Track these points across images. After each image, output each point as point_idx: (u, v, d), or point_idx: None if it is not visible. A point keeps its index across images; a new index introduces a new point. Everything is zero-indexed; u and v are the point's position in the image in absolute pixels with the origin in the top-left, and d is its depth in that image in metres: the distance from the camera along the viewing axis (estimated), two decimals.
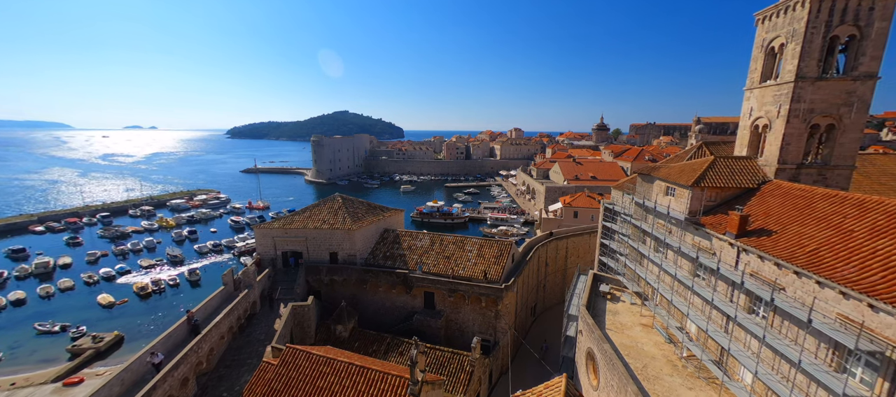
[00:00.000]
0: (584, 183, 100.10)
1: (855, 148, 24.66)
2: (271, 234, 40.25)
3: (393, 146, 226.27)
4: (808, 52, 23.13)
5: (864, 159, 33.06)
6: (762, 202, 22.52)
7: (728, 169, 25.33)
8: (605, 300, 31.73)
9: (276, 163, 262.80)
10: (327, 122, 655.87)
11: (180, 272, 66.52)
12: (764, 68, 26.47)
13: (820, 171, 25.09)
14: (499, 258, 36.96)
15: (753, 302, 19.69)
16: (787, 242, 18.43)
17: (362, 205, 44.25)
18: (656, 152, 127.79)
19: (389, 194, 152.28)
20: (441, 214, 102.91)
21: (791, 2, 23.72)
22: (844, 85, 23.43)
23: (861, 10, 22.24)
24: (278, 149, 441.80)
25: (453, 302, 36.26)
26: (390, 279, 37.48)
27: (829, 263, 15.91)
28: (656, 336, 26.48)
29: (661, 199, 28.08)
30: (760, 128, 26.90)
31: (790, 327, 17.02)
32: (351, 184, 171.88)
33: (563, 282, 51.58)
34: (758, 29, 26.75)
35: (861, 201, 18.11)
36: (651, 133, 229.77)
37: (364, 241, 40.34)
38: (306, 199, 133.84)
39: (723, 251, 21.81)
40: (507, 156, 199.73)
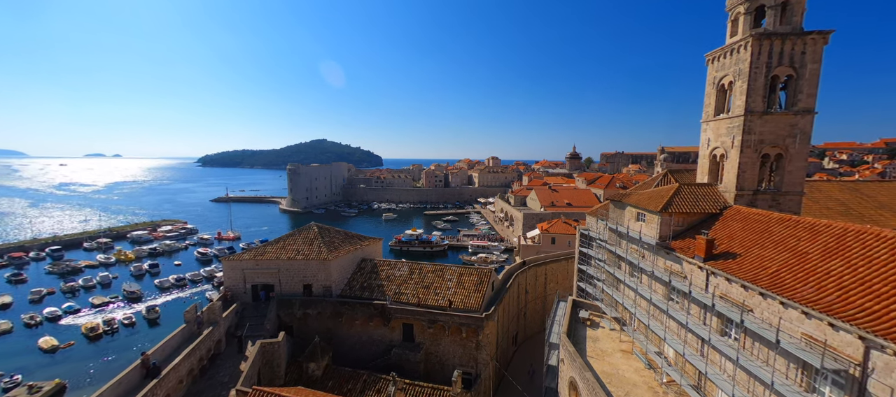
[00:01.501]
0: (559, 209, 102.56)
1: (801, 175, 26.76)
2: (241, 267, 38.30)
3: (371, 174, 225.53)
4: (753, 89, 25.41)
5: (811, 186, 35.81)
6: (725, 226, 23.74)
7: (692, 195, 26.72)
8: (585, 326, 31.76)
9: (246, 191, 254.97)
10: (304, 150, 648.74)
11: (137, 310, 61.60)
12: (717, 103, 28.74)
13: (773, 197, 26.91)
14: (479, 286, 36.60)
15: (725, 325, 20.27)
16: (750, 264, 19.35)
17: (339, 234, 43.18)
18: (626, 179, 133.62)
19: (368, 222, 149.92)
20: (420, 242, 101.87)
21: (736, 45, 26.24)
22: (787, 119, 25.72)
23: (795, 53, 24.87)
24: (252, 177, 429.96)
25: (433, 333, 35.22)
26: (367, 311, 36.15)
27: (790, 284, 16.75)
28: (636, 362, 26.56)
29: (633, 225, 29.07)
30: (718, 157, 28.82)
31: (761, 348, 17.54)
32: (328, 213, 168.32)
33: (544, 310, 51.45)
34: (709, 68, 29.25)
35: (812, 225, 19.44)
36: (620, 161, 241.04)
37: (340, 272, 39.06)
38: (280, 229, 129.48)
39: (693, 274, 22.58)
40: (485, 183, 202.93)
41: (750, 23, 26.35)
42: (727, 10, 27.79)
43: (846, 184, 39.70)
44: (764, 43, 24.89)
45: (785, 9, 25.09)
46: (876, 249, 15.93)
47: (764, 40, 24.87)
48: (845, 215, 32.88)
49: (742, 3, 26.32)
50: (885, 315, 13.26)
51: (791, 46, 24.75)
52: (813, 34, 24.50)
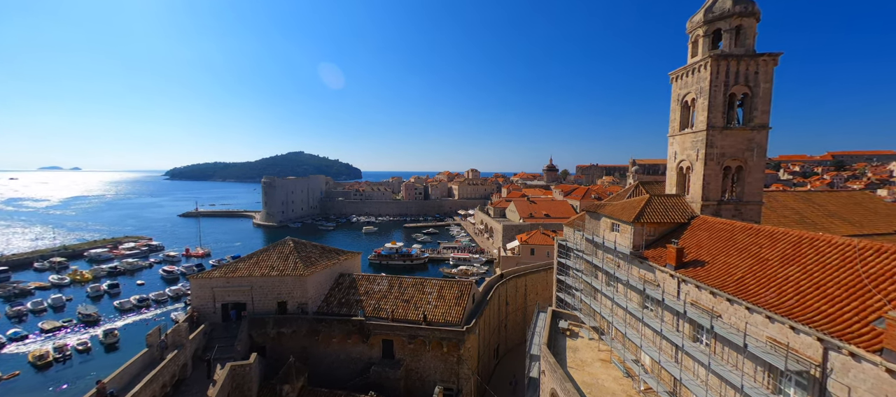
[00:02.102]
0: (538, 221, 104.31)
1: (760, 186, 28.49)
2: (210, 285, 36.45)
3: (350, 187, 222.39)
4: (714, 106, 27.06)
5: (769, 196, 38.15)
6: (693, 235, 24.82)
7: (662, 206, 27.86)
8: (565, 336, 32.06)
9: (217, 205, 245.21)
10: (280, 163, 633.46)
11: (93, 334, 57.22)
12: (682, 118, 30.36)
13: (736, 206, 28.46)
14: (459, 299, 36.39)
15: (697, 331, 20.98)
16: (717, 272, 20.25)
17: (316, 249, 42.03)
18: (600, 191, 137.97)
19: (346, 236, 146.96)
20: (400, 256, 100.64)
21: (696, 65, 27.98)
22: (745, 133, 27.47)
23: (749, 73, 26.77)
24: (224, 190, 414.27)
25: (413, 349, 34.55)
26: (345, 328, 35.09)
27: (754, 290, 17.62)
28: (615, 370, 26.96)
29: (608, 235, 29.91)
30: (685, 169, 30.30)
31: (730, 352, 18.24)
32: (304, 227, 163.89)
33: (524, 321, 51.64)
34: (673, 86, 30.97)
35: (771, 232, 20.63)
36: (595, 173, 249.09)
37: (317, 288, 37.89)
38: (254, 245, 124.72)
39: (665, 282, 23.36)
40: (465, 195, 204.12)
41: (708, 45, 28.21)
42: (688, 32, 29.67)
43: (800, 194, 42.58)
44: (721, 63, 26.66)
45: (739, 32, 27.06)
46: (828, 255, 17.05)
47: (721, 61, 26.65)
48: (800, 223, 35.14)
49: (700, 27, 28.20)
50: (839, 317, 14.14)
51: (745, 67, 26.63)
52: (764, 56, 26.48)
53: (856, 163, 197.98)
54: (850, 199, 41.92)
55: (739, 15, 26.62)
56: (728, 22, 26.93)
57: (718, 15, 27.23)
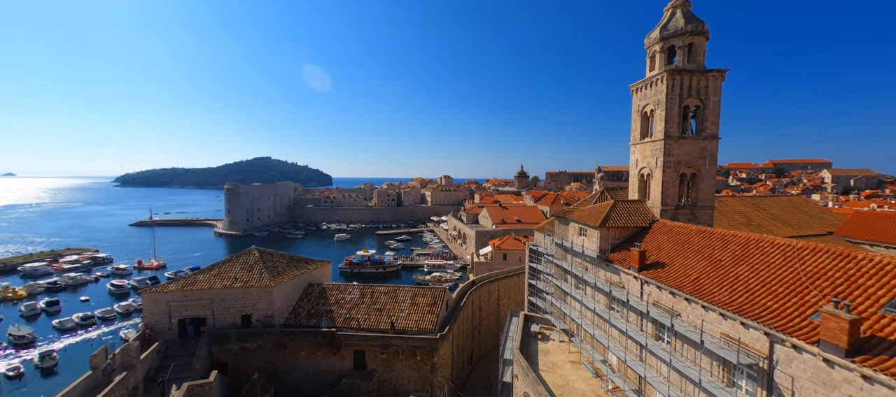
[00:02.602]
0: (510, 226, 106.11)
1: (712, 191, 30.60)
2: (166, 299, 34.01)
3: (320, 194, 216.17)
4: (670, 116, 28.87)
5: (720, 200, 41.03)
6: (654, 239, 26.18)
7: (626, 211, 29.23)
8: (537, 340, 32.65)
9: (172, 214, 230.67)
10: (245, 169, 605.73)
11: (28, 358, 51.58)
12: (642, 128, 32.13)
13: (691, 211, 30.36)
14: (433, 306, 36.17)
15: (659, 330, 22.05)
16: (676, 273, 21.44)
17: (283, 259, 40.39)
18: (569, 197, 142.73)
19: (316, 244, 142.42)
20: (372, 263, 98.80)
21: (654, 78, 29.81)
22: (698, 143, 29.49)
23: (700, 87, 28.85)
24: (183, 198, 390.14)
25: (386, 358, 33.86)
26: (314, 340, 33.84)
27: (709, 289, 18.80)
28: (584, 371, 27.74)
29: (577, 240, 30.94)
30: (645, 176, 32.00)
31: (689, 349, 19.29)
32: (271, 236, 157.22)
33: (498, 326, 52.10)
34: (633, 97, 32.77)
35: (723, 235, 22.16)
36: (564, 179, 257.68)
37: (284, 299, 36.35)
38: (215, 255, 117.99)
39: (630, 284, 24.43)
40: (438, 202, 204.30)
41: (664, 60, 30.16)
42: (646, 47, 31.58)
43: (746, 199, 46.10)
44: (676, 77, 28.56)
45: (690, 49, 29.15)
46: (772, 255, 18.54)
47: (676, 75, 28.55)
48: (747, 225, 38.00)
49: (657, 43, 30.13)
50: (783, 312, 15.36)
51: (697, 81, 28.69)
52: (713, 72, 28.65)
53: (794, 171, 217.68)
54: (790, 204, 45.93)
55: (691, 33, 28.69)
56: (681, 39, 28.95)
57: (672, 33, 29.21)
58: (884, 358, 11.80)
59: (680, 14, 29.42)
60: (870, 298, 13.91)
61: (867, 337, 12.59)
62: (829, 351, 12.72)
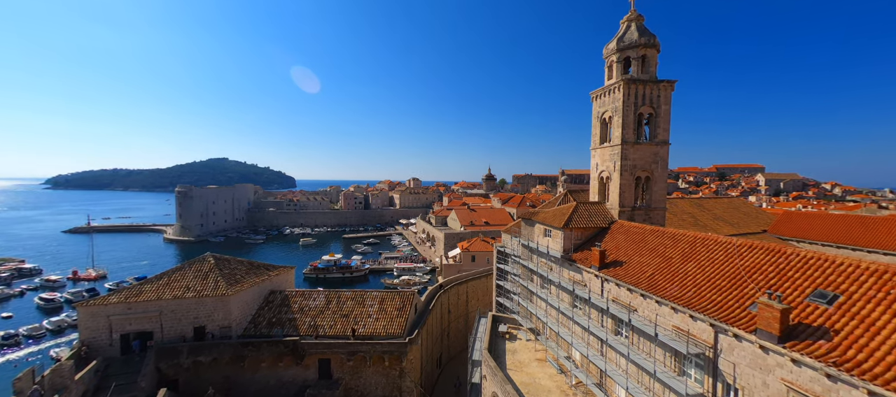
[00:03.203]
0: (478, 228, 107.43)
1: (664, 194, 32.78)
2: (106, 312, 30.98)
3: (283, 196, 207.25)
4: (626, 123, 30.64)
5: (671, 202, 44.06)
6: (613, 239, 27.59)
7: (587, 212, 30.58)
8: (505, 340, 33.23)
9: (112, 219, 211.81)
10: (199, 170, 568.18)
11: None
12: (601, 133, 33.83)
13: (646, 212, 32.34)
14: (401, 310, 35.73)
15: (618, 325, 23.21)
16: (633, 270, 22.71)
17: (242, 265, 38.21)
18: (535, 199, 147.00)
19: (279, 249, 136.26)
20: (339, 268, 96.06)
21: (612, 87, 31.53)
22: (651, 148, 31.50)
23: (653, 96, 30.88)
24: (127, 201, 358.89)
25: (353, 366, 32.96)
26: (276, 350, 32.26)
27: (662, 285, 20.07)
28: (550, 368, 28.58)
29: (542, 240, 31.90)
30: (604, 179, 33.69)
31: (645, 342, 20.46)
32: (229, 241, 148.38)
33: (467, 327, 52.43)
34: (593, 104, 34.44)
35: (673, 234, 23.77)
36: (529, 182, 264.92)
37: (243, 308, 34.37)
38: (165, 263, 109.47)
39: (591, 282, 25.55)
40: (407, 204, 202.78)
41: (621, 69, 31.99)
42: (604, 57, 33.35)
43: (693, 201, 49.85)
44: (631, 86, 30.39)
45: (644, 61, 31.15)
46: (716, 252, 20.14)
47: (631, 84, 30.38)
48: (695, 225, 41.09)
49: (614, 53, 31.92)
50: (725, 304, 16.72)
51: (650, 91, 30.69)
52: (664, 82, 30.79)
53: (734, 175, 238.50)
54: (730, 205, 50.24)
55: (644, 46, 30.67)
56: (636, 51, 30.86)
57: (628, 44, 31.07)
58: (809, 342, 13.17)
59: (634, 27, 31.35)
60: (797, 290, 15.48)
61: (795, 325, 14.00)
62: (765, 338, 14.01)
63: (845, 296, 14.01)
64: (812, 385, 12.69)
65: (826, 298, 14.33)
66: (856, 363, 11.82)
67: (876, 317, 12.78)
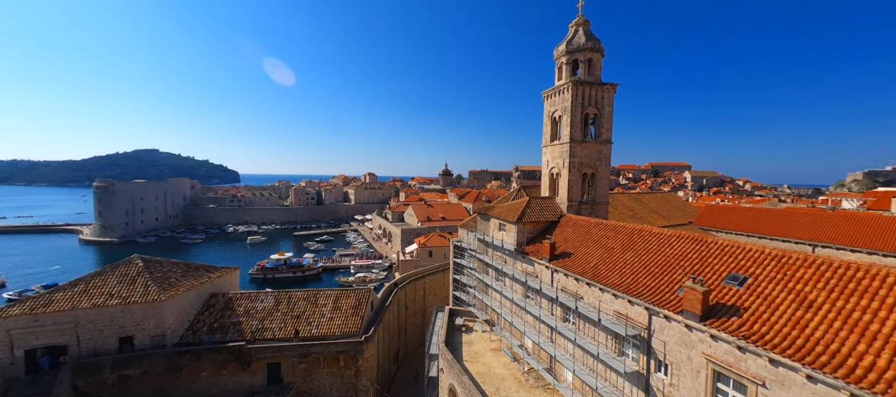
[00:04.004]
0: (435, 224, 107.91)
1: (606, 189, 35.28)
2: (5, 326, 26.67)
3: (225, 192, 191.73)
4: (574, 122, 32.45)
5: (613, 197, 47.58)
6: (562, 232, 29.19)
7: (539, 207, 32.01)
8: (461, 332, 33.86)
9: (10, 218, 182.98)
10: (124, 163, 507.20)
11: None
12: (552, 131, 35.50)
13: (591, 206, 34.60)
14: (357, 308, 34.93)
15: (566, 312, 24.68)
16: (579, 261, 24.24)
17: (177, 267, 34.88)
18: (490, 194, 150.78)
19: (221, 249, 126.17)
20: (289, 267, 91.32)
21: (561, 87, 33.17)
22: (596, 147, 33.70)
23: (597, 97, 32.99)
24: (32, 198, 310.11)
25: (305, 368, 31.67)
26: (219, 357, 30.00)
27: (604, 274, 21.66)
28: (504, 357, 29.67)
29: (496, 234, 32.87)
30: (554, 175, 35.46)
31: (589, 327, 21.99)
32: (161, 242, 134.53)
33: (424, 322, 52.62)
34: (545, 103, 36.01)
35: (614, 226, 25.71)
36: (485, 178, 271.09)
37: (179, 314, 31.45)
38: (82, 267, 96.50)
39: (542, 273, 26.86)
40: (362, 200, 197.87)
41: (569, 71, 33.74)
42: (555, 59, 34.95)
43: (632, 196, 54.28)
44: (579, 87, 32.20)
45: (590, 64, 33.13)
46: (650, 242, 22.12)
47: (579, 85, 32.18)
48: (633, 218, 44.80)
49: (564, 56, 33.58)
50: (658, 289, 18.46)
51: (595, 92, 32.75)
52: (607, 85, 33.00)
53: (665, 172, 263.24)
54: (662, 199, 55.44)
55: (590, 50, 32.60)
56: (583, 54, 32.71)
57: (576, 48, 32.84)
58: (724, 319, 15.01)
59: (582, 32, 33.18)
60: (716, 274, 17.54)
61: (714, 305, 15.87)
62: (690, 318, 15.72)
63: (753, 278, 16.14)
64: (726, 356, 14.50)
65: (738, 281, 16.40)
66: (760, 335, 13.70)
67: (776, 296, 14.89)
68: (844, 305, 13.21)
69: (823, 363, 11.86)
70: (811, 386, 12.05)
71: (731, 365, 14.31)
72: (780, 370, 12.83)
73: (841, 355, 11.92)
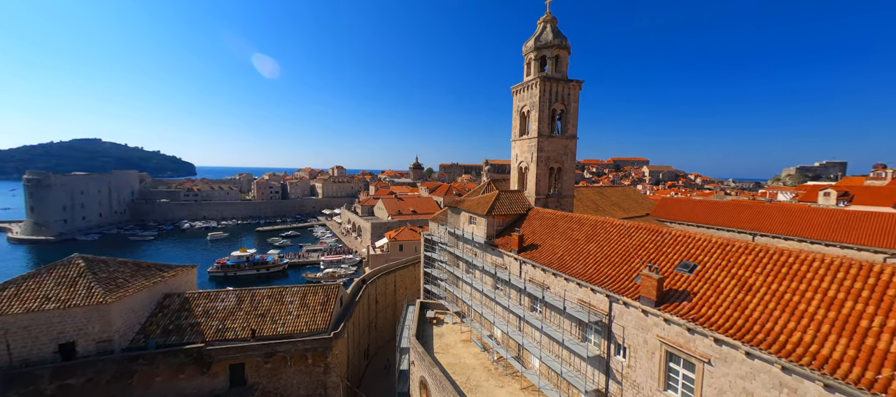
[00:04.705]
0: (406, 217, 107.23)
1: (572, 183, 36.64)
2: None
3: (179, 185, 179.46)
4: (542, 117, 33.29)
5: (578, 190, 49.50)
6: (530, 224, 30.03)
7: (508, 200, 32.68)
8: (432, 325, 34.09)
9: None
10: (60, 153, 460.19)
11: None
12: (520, 126, 36.23)
13: (558, 199, 35.82)
14: (325, 304, 34.13)
15: (533, 302, 25.51)
16: (546, 252, 25.08)
17: (126, 267, 32.31)
18: (461, 188, 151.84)
19: (177, 247, 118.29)
20: (252, 264, 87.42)
21: (530, 83, 33.86)
22: (562, 141, 34.81)
23: (563, 93, 34.01)
24: None
25: (271, 368, 30.61)
26: (175, 360, 28.28)
27: (569, 264, 22.57)
28: (474, 348, 30.25)
29: (467, 227, 33.23)
30: (523, 169, 36.30)
31: (555, 316, 22.88)
32: (106, 240, 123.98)
33: (395, 317, 52.42)
34: (514, 98, 36.63)
35: (579, 219, 26.80)
36: (456, 171, 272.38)
37: (129, 317, 29.24)
38: (11, 269, 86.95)
39: (511, 265, 27.54)
40: (330, 194, 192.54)
41: (538, 67, 34.49)
42: (524, 54, 35.56)
43: (595, 189, 56.73)
44: (547, 84, 33.02)
45: (557, 60, 34.04)
46: (611, 233, 23.29)
47: (546, 81, 33.00)
48: (596, 210, 46.89)
49: (532, 52, 34.25)
50: (618, 277, 19.50)
51: (562, 88, 33.74)
52: (573, 82, 34.09)
53: (626, 166, 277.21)
54: (623, 192, 58.40)
55: (557, 47, 33.46)
56: (550, 51, 33.52)
57: (544, 44, 33.58)
58: (676, 304, 16.15)
59: (549, 29, 33.95)
60: (669, 262, 18.80)
61: (668, 291, 17.02)
62: (646, 303, 16.77)
63: (701, 266, 17.47)
64: (677, 338, 15.66)
65: (688, 268, 17.69)
66: (707, 317, 14.90)
67: (721, 281, 16.23)
68: (778, 288, 14.64)
69: (759, 340, 13.12)
70: (749, 361, 13.31)
71: (681, 345, 15.47)
72: (724, 348, 14.04)
73: (774, 333, 13.24)
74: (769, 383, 12.80)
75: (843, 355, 11.63)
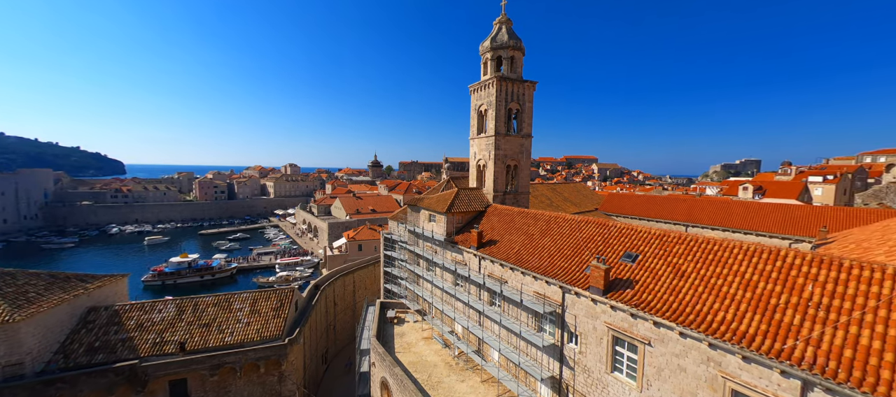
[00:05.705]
0: (365, 216, 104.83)
1: (527, 180, 38.02)
2: None
3: (105, 186, 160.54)
4: (499, 116, 34.15)
5: (533, 187, 51.47)
6: (489, 221, 30.73)
7: (467, 198, 33.17)
8: (393, 324, 33.74)
9: None
10: None
11: None
12: (478, 125, 36.89)
13: (515, 196, 37.00)
14: (279, 309, 32.42)
15: (492, 296, 26.18)
16: (504, 248, 25.83)
17: (38, 279, 28.28)
18: (421, 185, 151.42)
19: (103, 254, 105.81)
20: (195, 270, 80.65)
21: (487, 82, 34.56)
22: (518, 140, 35.98)
23: (519, 93, 35.15)
24: None
25: (218, 381, 28.52)
26: (104, 381, 25.34)
27: (526, 258, 23.44)
28: (436, 345, 30.41)
29: (427, 225, 33.25)
30: (481, 166, 37.02)
31: (513, 309, 23.67)
32: (13, 248, 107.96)
33: (354, 318, 51.16)
34: (472, 97, 37.19)
35: (535, 214, 27.90)
36: (415, 169, 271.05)
37: (44, 336, 25.67)
38: None
39: (470, 261, 28.02)
40: (283, 193, 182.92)
41: (494, 67, 35.29)
42: (481, 54, 36.19)
43: (549, 185, 59.36)
44: (503, 83, 33.91)
45: (513, 61, 35.07)
46: (564, 228, 24.52)
47: (502, 81, 33.88)
48: (550, 206, 49.09)
49: (489, 52, 34.96)
50: (570, 269, 20.60)
51: (517, 88, 34.83)
52: (527, 82, 35.32)
53: (577, 164, 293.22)
54: (575, 189, 61.71)
55: (512, 48, 34.46)
56: (506, 51, 34.43)
57: (500, 45, 34.41)
58: (621, 292, 17.42)
59: (505, 30, 34.84)
60: (615, 253, 20.20)
61: (614, 280, 18.29)
62: (595, 293, 17.90)
63: (642, 255, 18.98)
64: (622, 323, 16.91)
65: (631, 258, 19.14)
66: (647, 303, 16.24)
67: (658, 269, 17.75)
68: (705, 273, 16.33)
69: (691, 321, 14.57)
70: (682, 340, 14.73)
71: (626, 329, 16.73)
72: (661, 330, 15.41)
73: (703, 313, 14.77)
74: (699, 358, 14.28)
75: (758, 330, 13.28)
